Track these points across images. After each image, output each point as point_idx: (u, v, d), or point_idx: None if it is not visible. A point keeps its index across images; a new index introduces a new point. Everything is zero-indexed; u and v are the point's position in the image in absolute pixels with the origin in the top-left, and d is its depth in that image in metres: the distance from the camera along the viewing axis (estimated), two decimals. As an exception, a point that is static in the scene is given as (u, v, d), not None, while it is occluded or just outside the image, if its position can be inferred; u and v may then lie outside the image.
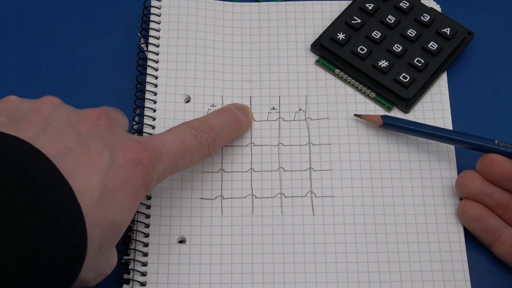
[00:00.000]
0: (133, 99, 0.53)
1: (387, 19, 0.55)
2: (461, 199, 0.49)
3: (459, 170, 0.50)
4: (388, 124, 0.51)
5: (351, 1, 0.57)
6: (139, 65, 0.55)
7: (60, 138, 0.40)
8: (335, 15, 0.57)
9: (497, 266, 0.48)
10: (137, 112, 0.53)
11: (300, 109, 0.53)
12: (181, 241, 0.48)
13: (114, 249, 0.43)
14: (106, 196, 0.40)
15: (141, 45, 0.56)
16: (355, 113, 0.53)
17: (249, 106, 0.53)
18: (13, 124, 0.41)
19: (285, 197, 0.50)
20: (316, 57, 0.55)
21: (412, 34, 0.55)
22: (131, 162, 0.42)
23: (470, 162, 0.50)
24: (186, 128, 0.47)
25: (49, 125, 0.41)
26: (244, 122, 0.51)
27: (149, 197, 0.49)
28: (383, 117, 0.51)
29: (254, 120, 0.53)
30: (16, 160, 0.36)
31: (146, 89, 0.53)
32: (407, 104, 0.53)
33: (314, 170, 0.51)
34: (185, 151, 0.45)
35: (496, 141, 0.48)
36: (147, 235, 0.48)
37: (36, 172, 0.36)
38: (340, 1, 0.57)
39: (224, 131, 0.49)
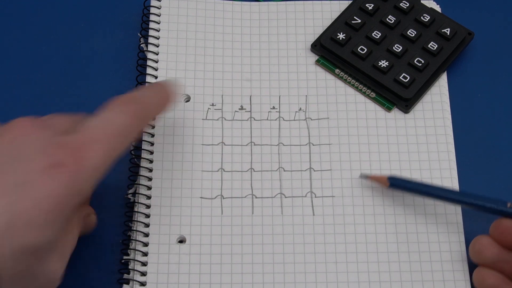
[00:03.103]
0: (133, 99, 0.53)
1: (387, 19, 0.55)
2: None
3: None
4: (396, 185, 0.49)
5: (351, 1, 0.57)
6: (139, 65, 0.55)
7: None
8: (335, 15, 0.57)
9: (497, 266, 0.48)
10: (137, 112, 0.53)
11: (300, 109, 0.53)
12: (181, 241, 0.48)
13: (52, 262, 0.39)
14: (15, 221, 0.36)
15: (141, 45, 0.56)
16: (361, 172, 0.51)
17: (250, 106, 0.53)
18: None
19: (285, 197, 0.50)
20: (316, 57, 0.55)
21: (412, 34, 0.55)
22: (48, 170, 0.37)
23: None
24: (111, 107, 0.43)
25: None
26: (171, 93, 0.47)
27: (148, 197, 0.49)
28: (390, 179, 0.49)
29: (254, 120, 0.53)
30: None
31: (146, 89, 0.53)
32: (407, 104, 0.53)
33: (314, 170, 0.51)
34: (116, 131, 0.41)
35: (509, 204, 0.46)
36: (146, 235, 0.48)
37: None
38: (340, 1, 0.58)
39: (150, 100, 0.45)
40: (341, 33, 0.55)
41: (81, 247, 0.49)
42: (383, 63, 0.54)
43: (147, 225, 0.49)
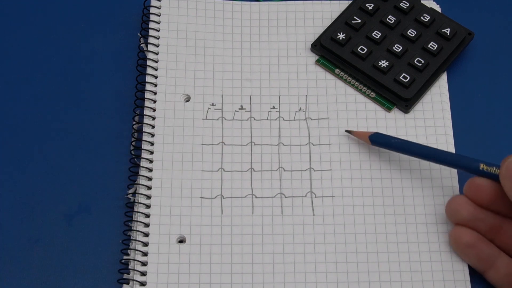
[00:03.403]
0: (133, 99, 0.53)
1: (387, 19, 0.55)
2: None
3: (458, 172, 0.50)
4: (377, 142, 0.50)
5: (351, 1, 0.57)
6: (139, 65, 0.55)
7: None
8: (335, 15, 0.57)
9: (497, 266, 0.48)
10: (137, 112, 0.53)
11: (300, 109, 0.53)
12: (181, 241, 0.48)
13: None
14: None
15: (141, 45, 0.56)
16: (347, 129, 0.52)
17: (250, 106, 0.53)
18: None
19: (285, 197, 0.50)
20: (316, 57, 0.55)
21: (412, 34, 0.55)
22: None
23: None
24: None
25: None
26: None
27: (148, 197, 0.49)
28: (371, 136, 0.50)
29: (254, 119, 0.53)
30: None
31: (146, 89, 0.53)
32: (407, 104, 0.53)
33: (314, 170, 0.51)
34: None
35: (481, 166, 0.46)
36: (146, 235, 0.48)
37: None
38: (340, 1, 0.58)
39: None
40: (341, 33, 0.55)
41: (81, 247, 0.49)
42: (383, 63, 0.54)
43: (147, 225, 0.48)
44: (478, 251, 0.46)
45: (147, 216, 0.49)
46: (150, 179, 0.50)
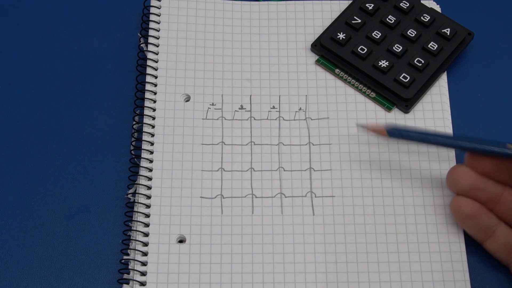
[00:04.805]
0: (133, 99, 0.53)
1: (387, 19, 0.55)
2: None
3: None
4: (395, 135, 0.48)
5: (351, 1, 0.57)
6: (139, 65, 0.55)
7: None
8: (335, 15, 0.57)
9: (497, 266, 0.48)
10: (137, 112, 0.53)
11: (300, 109, 0.53)
12: (181, 241, 0.48)
13: None
14: None
15: (141, 45, 0.56)
16: (358, 122, 0.51)
17: (250, 106, 0.53)
18: None
19: (285, 197, 0.50)
20: (316, 57, 0.55)
21: (412, 34, 0.55)
22: None
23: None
24: None
25: None
26: None
27: (148, 197, 0.49)
28: (389, 130, 0.48)
29: (254, 119, 0.53)
30: None
31: (146, 89, 0.53)
32: (407, 104, 0.53)
33: (314, 170, 0.51)
34: None
35: (508, 145, 0.46)
36: (146, 235, 0.48)
37: None
38: (340, 1, 0.58)
39: None
40: (341, 33, 0.55)
41: (81, 247, 0.49)
42: (383, 63, 0.54)
43: (147, 225, 0.48)
44: (478, 221, 0.47)
45: (147, 216, 0.49)
46: (150, 179, 0.50)
